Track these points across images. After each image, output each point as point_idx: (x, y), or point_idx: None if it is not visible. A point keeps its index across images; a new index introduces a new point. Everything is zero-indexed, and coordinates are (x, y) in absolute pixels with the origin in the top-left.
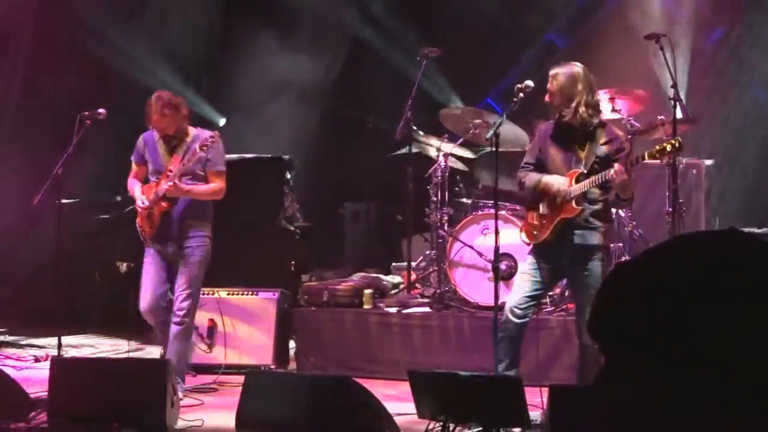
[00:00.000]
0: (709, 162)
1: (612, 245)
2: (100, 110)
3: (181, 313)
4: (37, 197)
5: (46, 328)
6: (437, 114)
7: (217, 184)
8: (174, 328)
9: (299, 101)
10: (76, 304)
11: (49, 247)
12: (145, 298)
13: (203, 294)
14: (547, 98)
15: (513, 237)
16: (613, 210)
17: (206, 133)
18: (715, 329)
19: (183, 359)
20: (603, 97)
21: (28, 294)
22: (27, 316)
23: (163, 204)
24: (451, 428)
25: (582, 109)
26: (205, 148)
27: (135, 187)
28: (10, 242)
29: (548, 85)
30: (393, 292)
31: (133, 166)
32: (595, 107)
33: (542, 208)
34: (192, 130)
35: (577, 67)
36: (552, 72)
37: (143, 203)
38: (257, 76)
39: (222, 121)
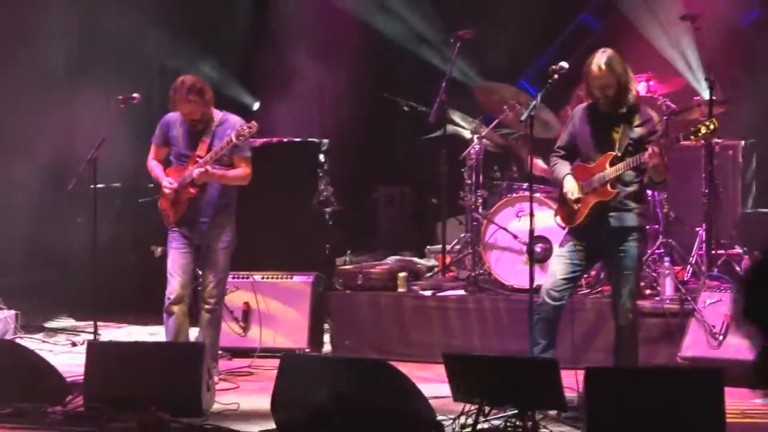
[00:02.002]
0: (745, 143)
1: (647, 227)
2: (135, 94)
3: (213, 300)
4: (71, 182)
5: (82, 313)
6: (471, 95)
7: (243, 170)
8: (205, 316)
9: (332, 84)
10: (112, 289)
11: (85, 232)
12: (172, 285)
13: (238, 278)
14: (586, 83)
15: (548, 219)
16: (648, 192)
17: (236, 119)
18: None
19: (215, 345)
20: (638, 79)
21: (64, 279)
22: (63, 301)
23: (192, 190)
24: (486, 411)
25: (620, 94)
26: (242, 138)
27: (157, 169)
28: (47, 227)
29: (589, 71)
30: (427, 275)
31: (153, 148)
32: (630, 90)
33: (577, 192)
34: (217, 114)
35: (612, 53)
36: (591, 58)
37: (171, 185)
38: (290, 58)
39: (256, 105)
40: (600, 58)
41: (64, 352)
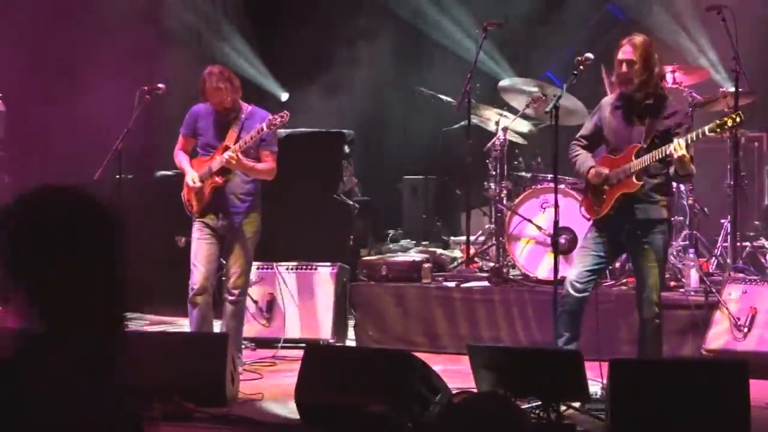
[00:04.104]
0: None
1: (672, 218)
2: (160, 85)
3: (236, 291)
4: (97, 172)
5: None
6: (496, 87)
7: (270, 164)
8: (229, 307)
9: (358, 75)
10: (136, 279)
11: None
12: (196, 275)
13: (263, 268)
14: (623, 68)
15: (572, 211)
16: (674, 183)
17: (264, 113)
18: None
19: (239, 335)
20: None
21: None
22: None
23: (217, 179)
24: None
25: (653, 81)
26: (273, 127)
27: (184, 162)
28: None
29: (623, 55)
30: (452, 266)
31: (181, 138)
32: (661, 80)
33: (604, 171)
34: (246, 107)
35: (643, 37)
36: (629, 41)
37: (194, 183)
38: (317, 49)
39: (285, 96)
40: (630, 39)
41: None
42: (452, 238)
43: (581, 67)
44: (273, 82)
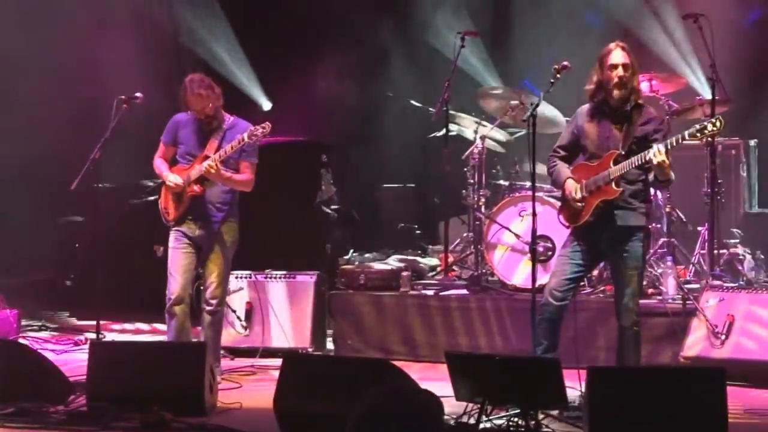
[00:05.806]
0: (750, 142)
1: (650, 226)
2: (138, 94)
3: (215, 301)
4: (74, 182)
5: (85, 312)
6: (475, 95)
7: (248, 175)
8: (207, 317)
9: (335, 82)
10: (115, 288)
11: (88, 231)
12: (173, 285)
13: (241, 277)
14: (621, 72)
15: (550, 219)
16: (651, 190)
17: (246, 124)
18: None
19: (217, 345)
20: (641, 79)
21: (68, 279)
22: (66, 300)
23: (195, 188)
24: (488, 410)
25: (633, 82)
26: (254, 138)
27: (162, 166)
28: (49, 227)
29: (619, 59)
30: (430, 274)
31: (161, 146)
32: (637, 85)
33: (579, 192)
34: (228, 117)
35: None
36: (608, 48)
37: (175, 182)
38: (299, 57)
39: (267, 105)
40: (619, 44)
41: (67, 351)
42: (431, 246)
43: (558, 75)
44: (259, 90)
